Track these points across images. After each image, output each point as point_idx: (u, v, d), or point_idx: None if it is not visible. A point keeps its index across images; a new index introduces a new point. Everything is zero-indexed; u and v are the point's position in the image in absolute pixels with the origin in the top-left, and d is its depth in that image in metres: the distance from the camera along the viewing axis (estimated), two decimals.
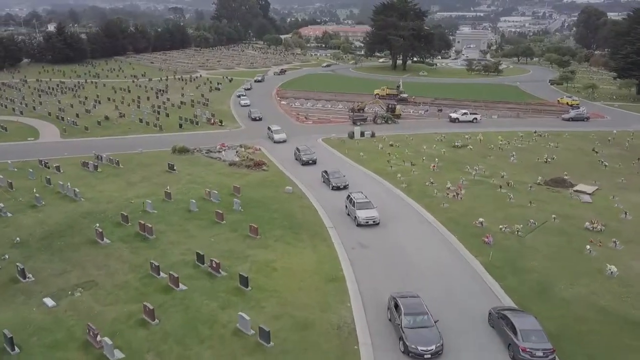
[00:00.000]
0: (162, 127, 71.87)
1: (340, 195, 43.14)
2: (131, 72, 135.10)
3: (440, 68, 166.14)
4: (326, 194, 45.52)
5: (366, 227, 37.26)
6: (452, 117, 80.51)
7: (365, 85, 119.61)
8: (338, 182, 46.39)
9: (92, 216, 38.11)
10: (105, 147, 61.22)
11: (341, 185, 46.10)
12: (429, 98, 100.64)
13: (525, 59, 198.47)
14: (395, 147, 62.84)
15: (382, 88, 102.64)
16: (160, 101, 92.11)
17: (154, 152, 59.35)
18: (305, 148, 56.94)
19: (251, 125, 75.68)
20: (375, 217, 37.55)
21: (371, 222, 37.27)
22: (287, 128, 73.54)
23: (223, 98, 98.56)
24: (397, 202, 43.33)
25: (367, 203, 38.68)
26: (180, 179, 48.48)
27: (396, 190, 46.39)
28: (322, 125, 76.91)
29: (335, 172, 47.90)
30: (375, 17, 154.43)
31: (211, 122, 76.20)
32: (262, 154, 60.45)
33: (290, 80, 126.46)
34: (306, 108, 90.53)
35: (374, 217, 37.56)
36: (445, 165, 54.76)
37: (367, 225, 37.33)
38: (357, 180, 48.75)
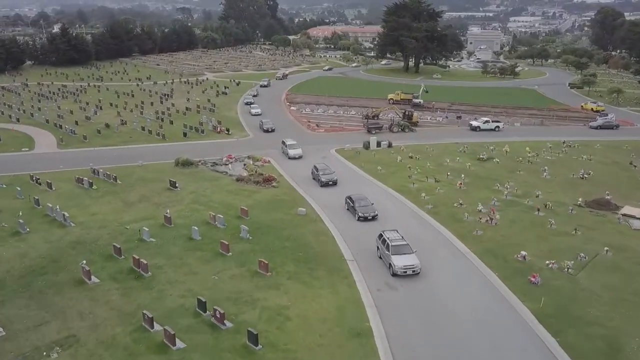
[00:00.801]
0: (165, 136, 67.61)
1: (366, 225, 38.48)
2: (136, 74, 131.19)
3: (454, 70, 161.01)
4: (342, 216, 40.96)
5: None
6: (472, 125, 75.64)
7: (377, 89, 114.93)
8: (365, 212, 39.68)
9: (82, 247, 33.75)
10: (103, 159, 57.10)
11: (369, 216, 39.45)
12: (445, 103, 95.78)
13: (541, 60, 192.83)
14: (415, 159, 58.17)
15: (396, 92, 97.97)
16: (165, 107, 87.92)
17: (155, 165, 55.05)
18: (324, 167, 50.38)
19: (260, 134, 71.24)
20: (416, 266, 30.78)
21: (410, 271, 30.64)
22: (297, 137, 69.04)
23: (230, 103, 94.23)
24: (425, 228, 38.64)
25: (405, 246, 31.70)
26: (183, 199, 44.09)
27: (421, 213, 41.72)
28: (334, 134, 72.34)
29: (362, 199, 41.07)
30: (387, 18, 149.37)
31: (217, 130, 71.86)
32: (272, 166, 56.03)
33: (299, 83, 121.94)
34: (317, 114, 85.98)
35: (413, 265, 30.73)
36: (473, 181, 50.01)
37: None
38: (377, 200, 44.13)
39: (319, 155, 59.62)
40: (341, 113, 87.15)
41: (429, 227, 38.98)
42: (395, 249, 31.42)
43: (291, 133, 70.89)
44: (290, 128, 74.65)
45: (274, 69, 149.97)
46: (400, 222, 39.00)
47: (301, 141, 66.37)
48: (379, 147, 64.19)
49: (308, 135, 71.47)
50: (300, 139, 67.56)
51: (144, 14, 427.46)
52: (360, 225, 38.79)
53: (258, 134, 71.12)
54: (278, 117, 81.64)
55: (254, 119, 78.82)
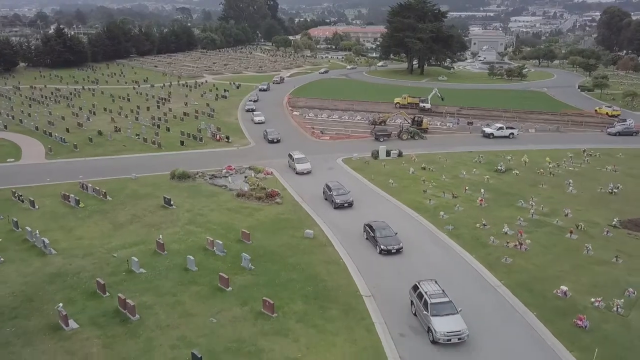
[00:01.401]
0: (161, 144, 63.63)
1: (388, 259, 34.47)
2: (133, 77, 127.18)
3: (459, 72, 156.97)
4: (352, 238, 37.00)
5: None
6: (486, 132, 71.68)
7: (382, 92, 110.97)
8: (388, 244, 34.02)
9: (61, 281, 29.76)
10: (94, 171, 53.17)
11: (393, 249, 34.01)
12: (453, 107, 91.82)
13: (547, 61, 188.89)
14: (429, 171, 54.20)
15: (403, 96, 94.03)
16: (162, 112, 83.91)
17: (149, 178, 51.08)
18: (337, 185, 44.49)
19: (262, 142, 67.22)
20: (462, 332, 24.44)
21: (456, 339, 24.36)
22: (301, 145, 65.23)
23: (230, 108, 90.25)
24: (448, 255, 34.66)
25: (447, 305, 25.38)
26: (178, 219, 40.10)
27: (441, 235, 37.76)
28: (340, 142, 68.37)
29: (383, 228, 35.31)
30: (391, 19, 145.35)
31: (216, 137, 67.89)
32: (275, 179, 52.09)
33: (302, 86, 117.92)
34: (321, 120, 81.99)
35: (460, 332, 24.41)
36: (493, 197, 46.05)
37: None
38: (391, 219, 40.20)
39: (325, 166, 55.74)
40: (346, 118, 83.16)
41: (452, 253, 35.00)
42: (435, 308, 25.08)
43: (295, 141, 67.03)
44: (293, 135, 70.69)
45: (274, 71, 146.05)
46: (418, 247, 35.06)
47: (305, 150, 62.44)
48: (389, 157, 60.24)
49: (312, 143, 67.53)
50: (304, 148, 63.70)
51: (143, 14, 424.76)
52: (377, 254, 34.74)
53: (260, 142, 67.12)
54: (280, 123, 77.75)
55: (256, 127, 74.65)
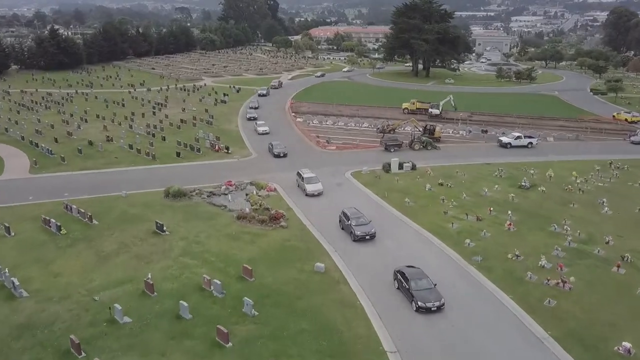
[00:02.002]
0: (155, 156, 59.08)
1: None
2: (129, 79, 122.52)
3: (465, 74, 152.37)
4: (369, 268, 32.50)
5: (451, 356, 24.22)
6: (502, 142, 67.16)
7: (388, 96, 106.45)
8: (426, 300, 27.82)
9: (30, 335, 25.23)
10: (81, 187, 48.66)
11: (433, 306, 27.75)
12: (464, 112, 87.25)
13: (554, 63, 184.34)
14: (447, 187, 49.71)
15: (411, 101, 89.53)
16: (157, 118, 79.35)
17: (141, 196, 46.56)
18: (356, 214, 38.40)
19: (264, 153, 62.69)
20: None
21: None
22: (306, 156, 60.88)
23: (230, 114, 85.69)
24: (479, 295, 30.15)
25: None
26: (171, 248, 35.56)
27: (469, 269, 33.25)
28: (348, 153, 63.86)
29: (420, 277, 29.10)
30: (396, 20, 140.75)
31: (215, 148, 63.33)
32: (279, 196, 47.63)
33: (304, 89, 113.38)
34: (326, 127, 77.48)
35: None
36: (522, 219, 41.56)
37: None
38: (411, 247, 35.77)
39: (333, 181, 51.23)
40: (352, 125, 78.63)
41: (484, 292, 30.49)
42: None
43: (299, 151, 62.54)
44: (297, 145, 66.18)
45: (276, 73, 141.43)
46: (446, 284, 30.52)
47: (311, 162, 58.13)
48: (402, 170, 55.72)
49: (318, 154, 63.03)
50: (309, 159, 59.38)
51: (142, 14, 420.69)
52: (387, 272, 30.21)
53: (262, 153, 62.58)
54: (283, 131, 73.29)
55: (259, 137, 69.78)
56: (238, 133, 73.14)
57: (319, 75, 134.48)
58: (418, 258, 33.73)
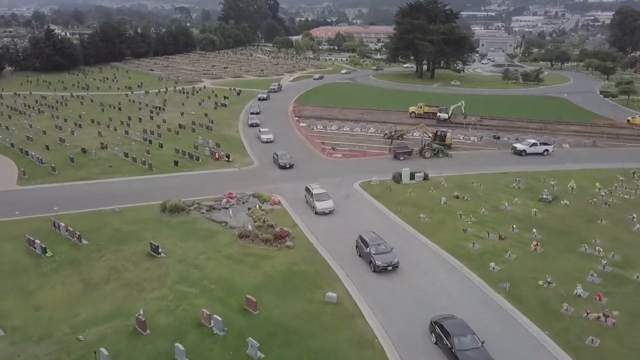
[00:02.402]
0: (152, 165, 55.78)
1: None
2: (126, 81, 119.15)
3: (470, 75, 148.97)
4: (389, 299, 29.25)
5: None
6: (517, 149, 63.90)
7: (393, 99, 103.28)
8: (464, 346, 23.78)
9: None
10: (72, 200, 45.45)
11: None
12: (472, 116, 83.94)
13: (560, 64, 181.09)
14: (463, 200, 46.46)
15: (418, 105, 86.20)
16: (155, 123, 76.06)
17: (136, 211, 43.32)
18: (375, 239, 33.77)
19: (267, 161, 59.44)
20: None
21: None
22: (311, 164, 57.66)
23: (230, 118, 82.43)
24: (513, 330, 26.86)
25: None
26: (167, 273, 32.27)
27: (497, 298, 29.96)
28: (355, 160, 60.62)
29: (464, 333, 24.46)
30: (400, 20, 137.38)
31: (215, 156, 60.03)
32: (283, 210, 44.41)
33: (306, 92, 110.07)
34: (331, 132, 74.22)
35: None
36: (548, 238, 38.29)
37: None
38: (430, 272, 32.51)
39: (341, 193, 47.95)
40: (358, 131, 75.34)
41: (517, 328, 27.20)
42: None
43: (303, 159, 59.24)
44: (301, 152, 62.92)
45: (277, 75, 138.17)
46: (472, 314, 27.18)
47: (316, 171, 54.96)
48: (413, 180, 52.45)
49: (323, 162, 59.77)
50: (314, 167, 56.22)
51: (142, 14, 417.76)
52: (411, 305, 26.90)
53: (265, 161, 59.30)
54: (286, 137, 70.05)
55: (263, 145, 66.18)
56: (239, 139, 69.88)
57: (318, 77, 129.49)
58: (440, 285, 30.50)
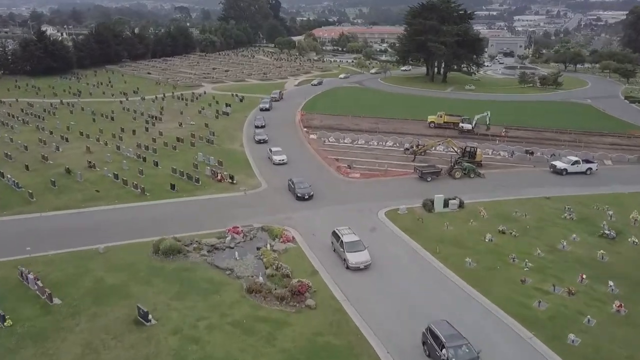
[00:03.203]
0: (145, 189, 48.61)
1: None
2: (122, 86, 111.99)
3: (483, 78, 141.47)
4: None
5: None
6: (557, 168, 56.74)
7: (407, 105, 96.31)
8: None
9: None
10: (49, 237, 38.41)
11: None
12: (496, 126, 76.72)
13: (574, 66, 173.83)
14: (510, 235, 39.40)
15: (438, 114, 79.06)
16: (150, 136, 68.96)
17: (124, 252, 36.24)
18: (455, 340, 24.25)
19: (277, 183, 52.33)
20: None
21: None
22: (326, 187, 50.43)
23: (233, 129, 75.28)
24: None
25: None
26: (157, 353, 25.13)
27: None
28: (375, 182, 53.45)
29: None
30: (411, 21, 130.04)
31: (217, 177, 52.87)
32: (298, 250, 37.39)
33: (313, 97, 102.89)
34: (344, 146, 67.15)
35: None
36: (629, 293, 31.22)
37: None
38: (494, 344, 25.39)
39: (364, 225, 40.96)
40: (375, 144, 68.19)
41: None
42: None
43: (316, 178, 52.00)
44: (313, 170, 55.89)
45: (281, 78, 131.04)
46: None
47: (332, 194, 47.94)
48: (447, 208, 45.36)
49: (339, 183, 52.61)
50: (329, 190, 49.16)
51: (141, 13, 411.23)
52: None
53: (273, 183, 52.22)
54: (296, 152, 62.88)
55: (270, 163, 59.08)
56: (244, 155, 62.75)
57: (317, 83, 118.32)
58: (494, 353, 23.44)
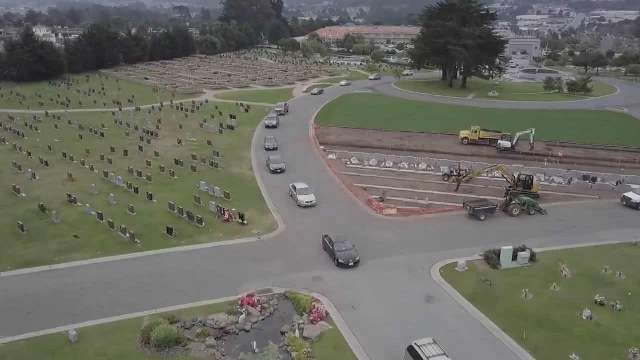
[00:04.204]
0: (135, 235, 39.13)
1: None
2: (116, 93, 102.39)
3: (504, 84, 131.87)
4: None
5: None
6: (632, 201, 47.23)
7: (430, 116, 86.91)
8: None
9: None
10: (6, 308, 29.02)
11: None
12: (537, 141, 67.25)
13: (596, 69, 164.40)
14: (612, 309, 29.96)
15: (473, 129, 69.64)
16: (145, 158, 59.39)
17: (103, 339, 26.81)
18: None
19: (299, 223, 42.85)
20: None
21: None
22: (359, 227, 40.56)
23: (240, 148, 65.73)
24: None
25: None
26: None
27: None
28: (417, 220, 43.92)
29: None
30: (429, 22, 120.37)
31: (224, 215, 43.27)
32: (335, 332, 27.96)
33: (324, 107, 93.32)
34: (370, 169, 57.74)
35: None
36: None
37: None
38: None
39: (419, 292, 31.47)
40: (405, 166, 58.78)
41: None
42: None
43: (343, 215, 42.61)
44: (339, 203, 46.50)
45: (288, 84, 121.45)
46: None
47: (369, 241, 38.36)
48: (515, 262, 36.00)
49: (374, 223, 43.10)
50: (364, 235, 39.41)
51: (140, 13, 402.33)
52: None
53: (294, 223, 42.70)
54: (313, 176, 53.40)
55: (286, 189, 49.81)
56: (253, 181, 53.19)
57: (317, 92, 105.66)
58: None
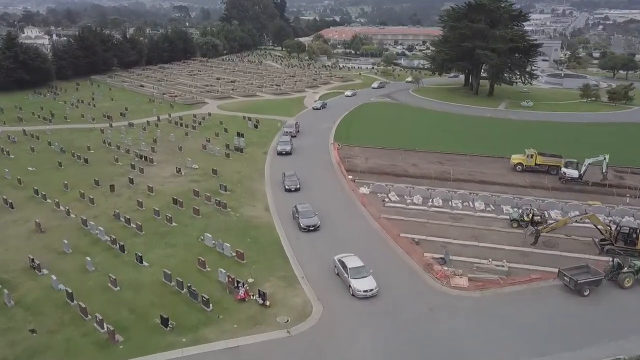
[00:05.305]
0: (116, 330, 27.76)
1: None
2: (107, 105, 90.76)
3: (532, 91, 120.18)
4: None
5: None
6: None
7: (464, 131, 75.78)
8: None
9: None
10: None
11: None
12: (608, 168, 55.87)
13: (626, 73, 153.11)
14: None
15: (528, 153, 58.34)
16: (136, 195, 48.04)
17: None
18: None
19: (339, 300, 31.52)
20: None
21: None
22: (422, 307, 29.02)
23: (251, 178, 54.27)
24: None
25: None
26: None
27: None
28: (495, 297, 32.58)
29: None
30: (454, 23, 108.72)
31: (239, 293, 31.80)
32: None
33: (343, 120, 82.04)
34: (415, 209, 46.39)
35: None
36: None
37: None
38: None
39: None
40: (459, 205, 47.39)
41: None
42: None
43: (394, 289, 31.44)
44: (385, 266, 35.19)
45: (297, 91, 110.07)
46: None
47: (438, 334, 26.89)
48: None
49: (440, 301, 31.80)
50: (433, 325, 27.97)
51: (139, 13, 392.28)
52: None
53: (334, 304, 31.40)
54: (343, 220, 42.14)
55: (319, 247, 38.65)
56: (272, 229, 41.71)
57: (320, 106, 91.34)
58: None
